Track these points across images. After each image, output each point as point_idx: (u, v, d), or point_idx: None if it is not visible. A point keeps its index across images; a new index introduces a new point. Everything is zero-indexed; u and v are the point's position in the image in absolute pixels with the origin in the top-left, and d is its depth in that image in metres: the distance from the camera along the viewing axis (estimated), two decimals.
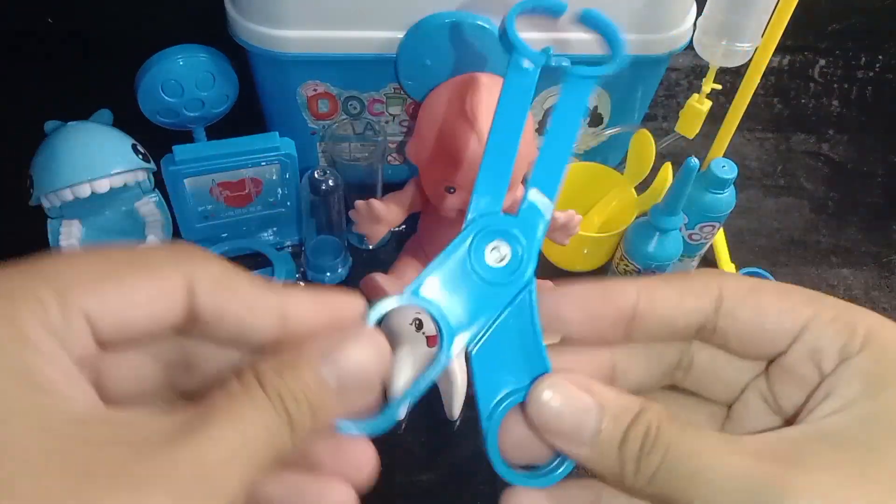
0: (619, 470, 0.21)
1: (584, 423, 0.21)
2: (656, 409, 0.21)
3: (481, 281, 0.23)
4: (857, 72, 0.87)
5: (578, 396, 0.22)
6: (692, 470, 0.19)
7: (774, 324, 0.22)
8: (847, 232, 0.73)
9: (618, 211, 0.65)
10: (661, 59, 0.60)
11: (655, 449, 0.20)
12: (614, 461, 0.21)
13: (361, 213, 0.56)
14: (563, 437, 0.22)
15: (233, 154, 0.57)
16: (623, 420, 0.21)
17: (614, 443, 0.21)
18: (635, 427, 0.21)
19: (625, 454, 0.21)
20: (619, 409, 0.21)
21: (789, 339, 0.22)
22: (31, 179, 0.59)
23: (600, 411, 0.21)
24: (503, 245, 0.23)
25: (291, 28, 0.55)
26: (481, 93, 0.51)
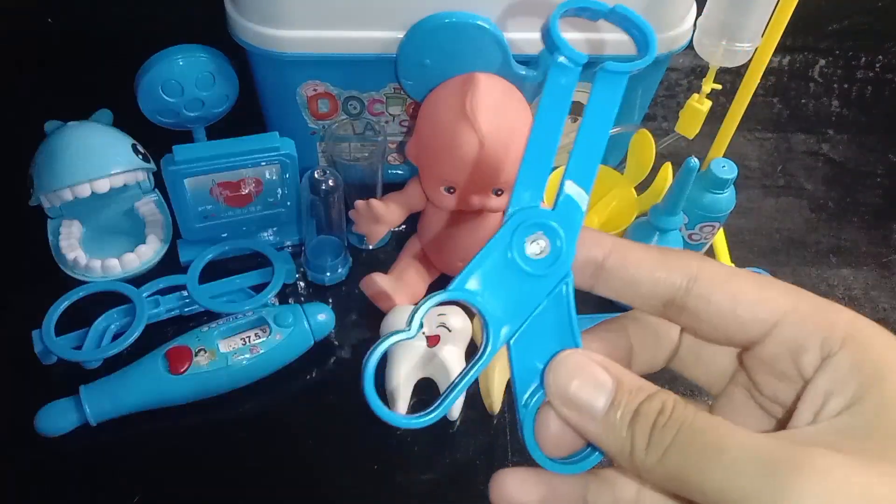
0: (630, 447, 0.21)
1: (597, 397, 0.22)
2: (671, 394, 0.21)
3: (522, 273, 0.23)
4: (857, 72, 0.87)
5: (595, 371, 0.22)
6: (705, 444, 0.19)
7: (748, 312, 0.22)
8: (847, 232, 0.73)
9: (618, 211, 0.64)
10: (661, 59, 0.60)
11: (669, 425, 0.20)
12: (624, 438, 0.21)
13: (361, 213, 0.56)
14: (576, 410, 0.22)
15: (233, 154, 0.57)
16: (637, 397, 0.21)
17: (626, 418, 0.21)
18: (648, 403, 0.21)
19: (635, 430, 0.21)
20: (634, 387, 0.22)
21: (763, 330, 0.22)
22: (32, 179, 0.59)
23: (615, 387, 0.22)
24: (542, 237, 0.23)
25: (291, 28, 0.55)
26: (481, 93, 0.51)
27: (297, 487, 0.51)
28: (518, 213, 0.23)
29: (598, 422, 0.21)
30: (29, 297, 0.58)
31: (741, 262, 0.68)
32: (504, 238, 0.23)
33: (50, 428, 0.50)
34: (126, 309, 0.58)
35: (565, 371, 0.22)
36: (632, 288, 0.23)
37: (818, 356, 0.21)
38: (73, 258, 0.59)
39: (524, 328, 0.23)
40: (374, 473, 0.51)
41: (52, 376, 0.55)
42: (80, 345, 0.56)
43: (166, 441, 0.52)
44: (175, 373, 0.51)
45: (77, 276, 0.60)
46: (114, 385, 0.52)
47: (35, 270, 0.61)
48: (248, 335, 0.55)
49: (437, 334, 0.54)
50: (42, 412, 0.50)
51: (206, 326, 0.55)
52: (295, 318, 0.55)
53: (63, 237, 0.61)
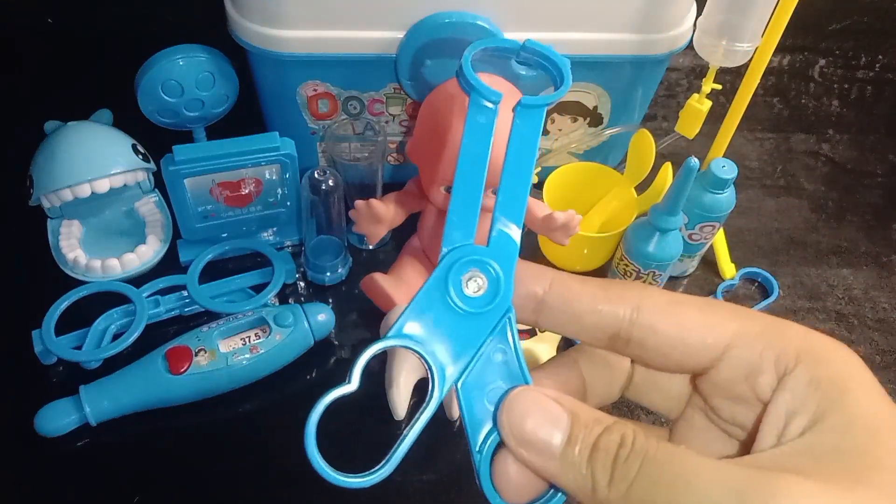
0: (591, 483, 0.20)
1: (553, 433, 0.21)
2: (629, 424, 0.21)
3: (462, 313, 0.23)
4: (857, 72, 0.87)
5: (549, 407, 0.21)
6: (673, 476, 0.19)
7: (696, 339, 0.22)
8: (847, 232, 0.73)
9: (618, 211, 0.64)
10: (661, 59, 0.60)
11: (631, 458, 0.19)
12: (585, 474, 0.20)
13: (361, 213, 0.56)
14: (533, 450, 0.21)
15: (233, 154, 0.57)
16: (594, 430, 0.21)
17: (584, 453, 0.20)
18: (607, 436, 0.20)
19: (595, 465, 0.20)
20: (590, 420, 0.21)
21: (714, 355, 0.22)
22: (31, 179, 0.59)
23: (570, 421, 0.21)
24: (479, 275, 0.23)
25: (291, 28, 0.55)
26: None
27: (297, 487, 0.51)
28: (451, 253, 0.23)
29: (556, 460, 0.21)
30: (29, 297, 0.58)
31: (741, 263, 0.68)
32: (440, 279, 0.23)
33: (50, 428, 0.50)
34: (126, 309, 0.58)
35: (518, 409, 0.22)
36: (575, 321, 0.23)
37: (774, 376, 0.21)
38: (73, 258, 0.59)
39: (471, 369, 0.23)
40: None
41: (52, 376, 0.55)
42: (80, 345, 0.56)
43: (166, 441, 0.52)
44: (175, 373, 0.51)
45: (77, 276, 0.60)
46: (114, 385, 0.52)
47: (35, 270, 0.61)
48: (248, 335, 0.55)
49: None
50: (42, 412, 0.50)
51: (206, 326, 0.55)
52: (295, 318, 0.55)
53: (63, 237, 0.61)
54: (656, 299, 0.23)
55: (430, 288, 0.23)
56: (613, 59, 0.59)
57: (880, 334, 0.64)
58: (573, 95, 0.63)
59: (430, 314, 0.23)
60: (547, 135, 0.67)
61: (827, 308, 0.66)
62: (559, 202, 0.63)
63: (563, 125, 0.66)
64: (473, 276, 0.23)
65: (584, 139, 0.67)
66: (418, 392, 0.53)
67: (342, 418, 0.57)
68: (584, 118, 0.66)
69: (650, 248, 0.57)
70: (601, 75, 0.61)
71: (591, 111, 0.65)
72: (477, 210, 0.24)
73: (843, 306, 0.66)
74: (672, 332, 0.22)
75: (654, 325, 0.22)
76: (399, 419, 0.54)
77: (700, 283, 0.67)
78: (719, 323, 0.22)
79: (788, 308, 0.66)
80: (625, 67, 0.60)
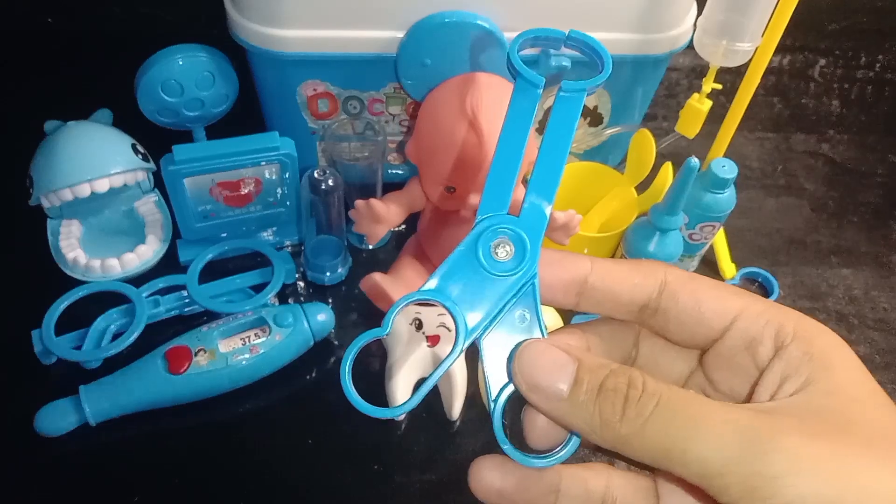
0: (598, 421, 0.22)
1: (560, 377, 0.23)
2: (635, 369, 0.22)
3: (489, 275, 0.25)
4: (857, 72, 0.87)
5: (556, 354, 0.23)
6: (687, 416, 0.20)
7: (709, 310, 0.24)
8: (847, 232, 0.73)
9: (618, 211, 0.64)
10: (662, 58, 0.60)
11: (645, 398, 0.21)
12: (592, 413, 0.22)
13: (361, 212, 0.56)
14: (542, 394, 0.23)
15: (232, 154, 0.57)
16: (598, 373, 0.22)
17: (591, 394, 0.22)
18: (613, 378, 0.22)
19: (603, 402, 0.22)
20: (595, 364, 0.23)
21: (723, 325, 0.24)
22: (31, 179, 0.59)
23: (576, 365, 0.23)
24: (508, 242, 0.25)
25: (291, 28, 0.55)
26: (481, 92, 0.51)
27: (297, 487, 0.51)
28: (485, 220, 0.26)
29: (564, 401, 0.22)
30: (29, 297, 0.58)
31: (741, 262, 0.68)
32: (472, 242, 0.25)
33: (50, 428, 0.50)
34: (126, 309, 0.58)
35: (528, 357, 0.23)
36: (614, 298, 0.26)
37: (772, 347, 0.23)
38: (73, 258, 0.59)
39: (494, 327, 0.25)
40: (374, 473, 0.51)
41: (52, 376, 0.55)
42: (80, 345, 0.55)
43: (166, 441, 0.52)
44: (175, 373, 0.51)
45: (77, 276, 0.60)
46: (114, 385, 0.52)
47: (35, 270, 0.61)
48: (248, 335, 0.55)
49: (436, 334, 0.54)
50: (42, 412, 0.50)
51: (205, 326, 0.55)
52: (295, 318, 0.55)
53: (63, 237, 0.61)
54: (678, 274, 0.25)
55: (461, 251, 0.25)
56: (613, 58, 0.58)
57: (880, 334, 0.64)
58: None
59: (460, 274, 0.25)
60: None
61: (827, 308, 0.66)
62: (559, 202, 0.62)
63: None
64: (502, 242, 0.25)
65: (584, 139, 0.67)
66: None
67: (343, 418, 0.56)
68: (584, 118, 0.66)
69: (650, 248, 0.57)
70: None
71: (592, 111, 0.65)
72: (512, 185, 0.26)
73: (843, 306, 0.66)
74: (691, 303, 0.25)
75: (677, 296, 0.25)
76: (399, 419, 0.54)
77: None
78: (729, 298, 0.25)
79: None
80: (625, 67, 0.60)
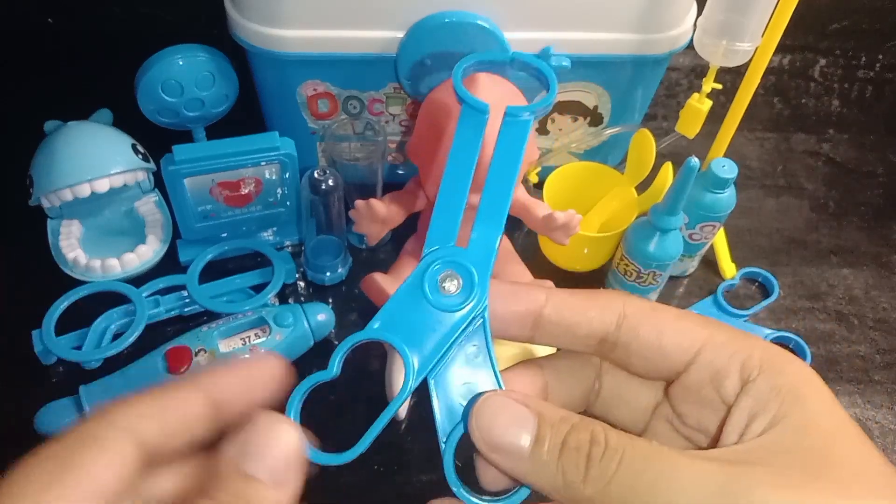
0: (562, 479, 0.21)
1: (521, 435, 0.21)
2: (597, 422, 0.21)
3: (435, 310, 0.24)
4: (857, 72, 0.87)
5: (515, 409, 0.22)
6: (656, 472, 0.20)
7: (671, 342, 0.23)
8: (847, 232, 0.73)
9: (618, 211, 0.64)
10: (662, 58, 0.60)
11: (608, 454, 0.20)
12: (555, 472, 0.21)
13: (361, 212, 0.56)
14: (502, 452, 0.22)
15: (233, 154, 0.57)
16: (561, 429, 0.21)
17: (553, 452, 0.21)
18: (575, 434, 0.21)
19: (566, 462, 0.21)
20: (557, 418, 0.22)
21: (687, 359, 0.23)
22: (31, 179, 0.59)
23: (538, 421, 0.21)
24: (456, 276, 0.25)
25: (291, 28, 0.55)
26: (481, 92, 0.51)
27: None
28: (431, 254, 0.25)
29: (526, 461, 0.21)
30: (29, 297, 0.58)
31: (741, 263, 0.68)
32: (418, 277, 0.25)
33: (50, 428, 0.50)
34: (126, 309, 0.58)
35: (486, 414, 0.22)
36: (569, 331, 0.24)
37: (738, 381, 0.22)
38: (73, 258, 0.59)
39: (444, 364, 0.24)
40: (374, 473, 0.51)
41: (52, 376, 0.55)
42: (80, 345, 0.55)
43: None
44: (175, 373, 0.51)
45: (77, 276, 0.60)
46: (114, 385, 0.52)
47: (35, 270, 0.61)
48: (248, 335, 0.55)
49: None
50: (42, 412, 0.50)
51: (206, 326, 0.55)
52: (295, 318, 0.55)
53: (63, 237, 0.61)
54: (638, 305, 0.24)
55: (407, 286, 0.25)
56: (613, 58, 0.59)
57: (880, 334, 0.64)
58: (573, 95, 0.63)
59: (407, 310, 0.24)
60: (547, 134, 0.67)
61: (827, 308, 0.66)
62: (559, 202, 0.63)
63: (563, 125, 0.66)
64: (449, 276, 0.25)
65: (584, 139, 0.67)
66: (418, 392, 0.53)
67: (343, 418, 0.57)
68: (584, 118, 0.66)
69: (650, 248, 0.57)
70: (601, 75, 0.61)
71: (592, 111, 0.65)
72: (459, 216, 0.26)
73: (843, 306, 0.66)
74: (652, 336, 0.24)
75: (637, 328, 0.24)
76: (399, 419, 0.54)
77: (700, 282, 0.67)
78: (692, 329, 0.24)
79: (788, 308, 0.66)
80: (625, 67, 0.60)
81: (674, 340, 0.24)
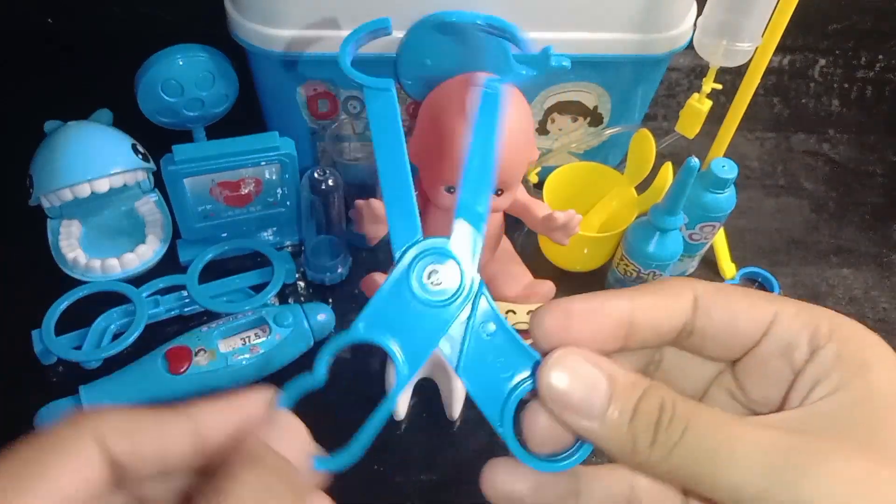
0: (631, 444, 0.21)
1: (593, 396, 0.22)
2: (667, 388, 0.22)
3: (426, 305, 0.23)
4: (857, 72, 0.87)
5: (587, 370, 0.22)
6: (716, 442, 0.20)
7: (745, 320, 0.23)
8: (847, 232, 0.73)
9: (618, 211, 0.64)
10: (662, 58, 0.60)
11: (675, 422, 0.20)
12: (625, 436, 0.21)
13: (361, 213, 0.56)
14: (573, 412, 0.22)
15: (232, 154, 0.57)
16: (633, 394, 0.21)
17: (625, 416, 0.21)
18: (647, 400, 0.21)
19: (637, 427, 0.21)
20: (628, 383, 0.22)
21: (759, 334, 0.23)
22: (31, 179, 0.59)
23: (610, 384, 0.22)
24: (440, 266, 0.24)
25: (291, 28, 0.55)
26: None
27: None
28: (409, 249, 0.24)
29: (596, 421, 0.21)
30: (29, 297, 0.58)
31: (741, 262, 0.68)
32: (403, 274, 0.23)
33: None
34: (126, 309, 0.58)
35: (558, 375, 0.22)
36: (657, 332, 0.24)
37: (807, 351, 0.22)
38: (73, 258, 0.59)
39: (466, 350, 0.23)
40: (374, 473, 0.51)
41: (52, 376, 0.55)
42: (80, 345, 0.55)
43: None
44: (175, 373, 0.51)
45: (77, 276, 0.60)
46: (114, 385, 0.52)
47: (35, 270, 0.61)
48: (248, 335, 0.55)
49: None
50: (42, 412, 0.50)
51: (205, 326, 0.55)
52: (295, 318, 0.55)
53: (63, 237, 0.61)
54: (706, 288, 0.24)
55: (392, 284, 0.23)
56: (613, 58, 0.59)
57: (880, 334, 0.63)
58: (573, 95, 0.63)
59: (393, 309, 0.23)
60: (547, 134, 0.67)
61: (827, 308, 0.66)
62: (559, 202, 0.63)
63: (563, 125, 0.66)
64: (435, 269, 0.24)
65: (584, 139, 0.67)
66: (418, 393, 0.53)
67: (343, 418, 0.57)
68: (584, 118, 0.66)
69: (650, 248, 0.57)
70: (601, 75, 0.61)
71: (592, 111, 0.65)
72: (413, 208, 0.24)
73: (843, 306, 0.66)
74: (726, 316, 0.23)
75: (710, 311, 0.24)
76: (399, 419, 0.54)
77: None
78: (762, 304, 0.23)
79: None
80: (625, 67, 0.60)
81: (746, 317, 0.23)
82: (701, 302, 0.24)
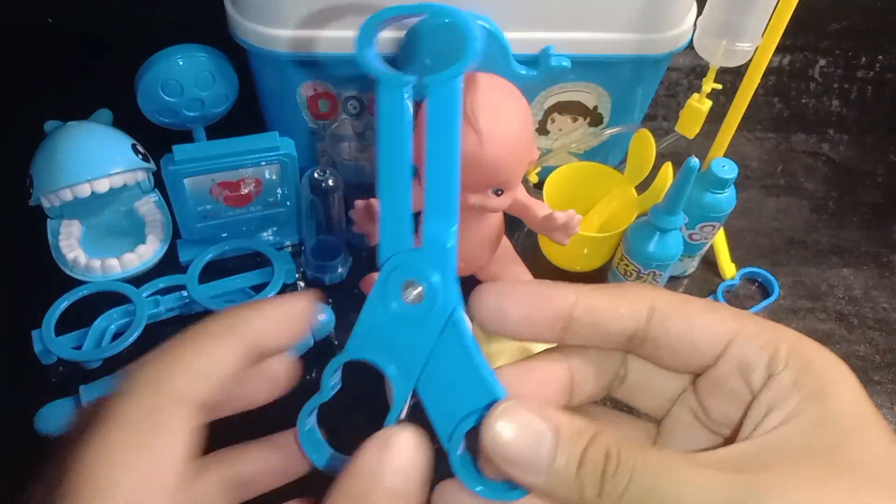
0: (578, 495, 0.20)
1: (539, 449, 0.21)
2: (612, 433, 0.21)
3: (405, 322, 0.23)
4: (857, 72, 0.87)
5: (532, 422, 0.21)
6: (665, 488, 0.19)
7: (702, 336, 0.23)
8: (847, 232, 0.73)
9: (618, 211, 0.64)
10: (662, 58, 0.60)
11: (620, 470, 0.20)
12: (572, 486, 0.20)
13: (361, 212, 0.56)
14: (519, 467, 0.21)
15: (233, 154, 0.57)
16: (579, 444, 0.21)
17: (571, 467, 0.20)
18: (592, 449, 0.21)
19: (583, 478, 0.20)
20: (574, 432, 0.21)
21: (716, 352, 0.23)
22: (31, 179, 0.59)
23: (555, 436, 0.21)
24: (416, 281, 0.23)
25: (291, 28, 0.55)
26: (481, 92, 0.51)
27: (297, 487, 0.51)
28: (388, 262, 0.23)
29: (542, 475, 0.21)
30: (29, 297, 0.58)
31: (741, 262, 0.68)
32: (380, 290, 0.23)
33: (50, 428, 0.50)
34: (126, 309, 0.58)
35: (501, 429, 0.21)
36: (601, 331, 0.24)
37: (764, 374, 0.22)
38: (73, 258, 0.59)
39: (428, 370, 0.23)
40: None
41: (52, 376, 0.55)
42: (80, 345, 0.55)
43: None
44: None
45: (77, 276, 0.60)
46: (114, 385, 0.52)
47: (35, 270, 0.61)
48: None
49: None
50: (42, 412, 0.50)
51: None
52: None
53: (63, 237, 0.61)
54: (667, 299, 0.24)
55: (372, 301, 0.23)
56: (613, 58, 0.59)
57: (880, 334, 0.64)
58: (573, 95, 0.63)
59: (377, 326, 0.23)
60: (547, 134, 0.67)
61: (827, 308, 0.66)
62: (559, 202, 0.63)
63: (563, 125, 0.66)
64: (411, 283, 0.23)
65: (584, 139, 0.67)
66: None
67: (343, 418, 0.57)
68: (584, 118, 0.66)
69: (650, 248, 0.57)
70: (601, 75, 0.61)
71: (591, 111, 0.65)
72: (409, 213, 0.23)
73: (843, 306, 0.66)
74: (682, 329, 0.23)
75: (667, 322, 0.23)
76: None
77: (700, 283, 0.67)
78: (723, 321, 0.23)
79: (788, 308, 0.66)
80: (625, 67, 0.60)
81: (704, 333, 0.23)
82: (659, 312, 0.23)
